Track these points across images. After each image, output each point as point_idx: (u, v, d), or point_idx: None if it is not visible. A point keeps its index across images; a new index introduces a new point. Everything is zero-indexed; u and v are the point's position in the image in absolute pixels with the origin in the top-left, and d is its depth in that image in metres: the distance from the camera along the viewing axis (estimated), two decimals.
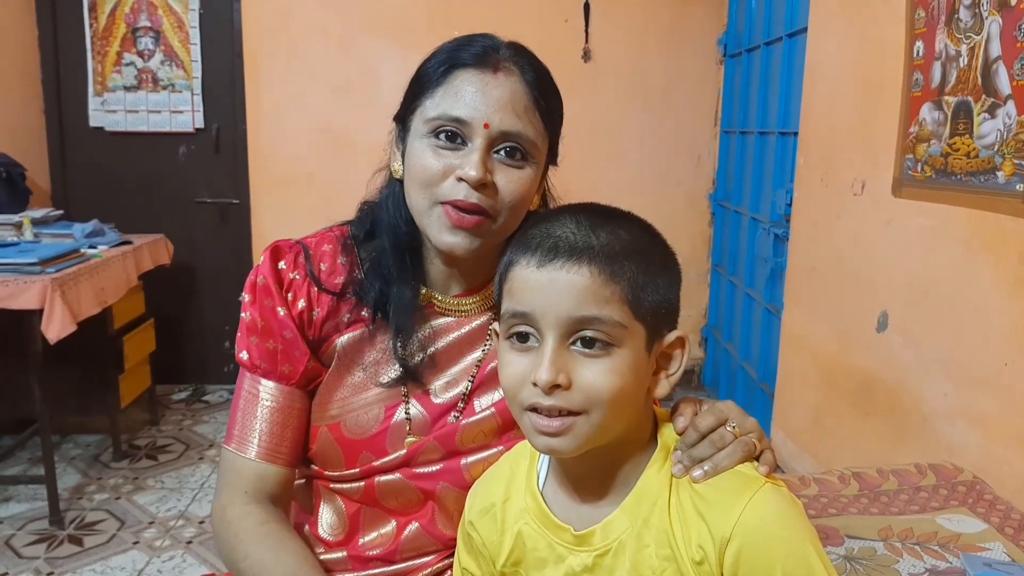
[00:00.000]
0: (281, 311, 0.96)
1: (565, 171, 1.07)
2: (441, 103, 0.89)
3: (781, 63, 2.93)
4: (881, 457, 2.03)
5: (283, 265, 0.98)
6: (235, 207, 3.81)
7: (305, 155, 3.73)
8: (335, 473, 1.00)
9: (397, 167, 0.97)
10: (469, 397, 0.99)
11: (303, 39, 3.65)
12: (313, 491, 1.05)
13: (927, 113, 1.84)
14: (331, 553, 1.01)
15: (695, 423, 0.77)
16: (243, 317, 0.98)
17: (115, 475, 2.97)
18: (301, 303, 0.96)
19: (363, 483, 0.99)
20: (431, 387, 0.99)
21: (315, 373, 0.98)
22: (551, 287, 0.70)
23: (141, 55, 3.68)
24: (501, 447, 0.95)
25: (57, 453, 3.04)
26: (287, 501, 1.01)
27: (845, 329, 2.30)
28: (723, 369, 3.75)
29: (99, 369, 2.99)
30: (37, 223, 2.91)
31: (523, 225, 0.80)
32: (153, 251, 3.27)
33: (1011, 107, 1.53)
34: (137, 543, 2.49)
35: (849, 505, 1.38)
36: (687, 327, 3.94)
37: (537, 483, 0.82)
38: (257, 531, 0.92)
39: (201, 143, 3.76)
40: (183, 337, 3.88)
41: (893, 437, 2.01)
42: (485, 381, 0.99)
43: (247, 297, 0.97)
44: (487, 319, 1.00)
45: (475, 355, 1.00)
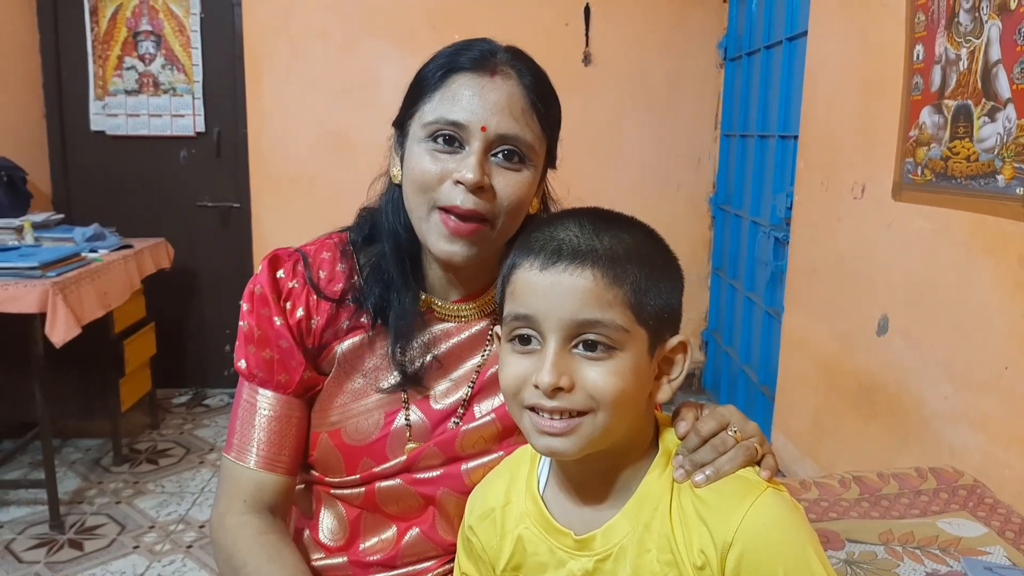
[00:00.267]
0: (278, 321, 0.95)
1: (566, 174, 1.07)
2: (438, 107, 0.89)
3: (781, 67, 2.93)
4: (882, 460, 2.02)
5: (281, 274, 0.97)
6: (236, 211, 3.81)
7: (306, 158, 3.73)
8: (336, 479, 1.00)
9: (396, 172, 0.97)
10: (469, 403, 0.98)
11: (304, 42, 3.65)
12: (314, 496, 1.05)
13: (927, 117, 1.84)
14: (332, 558, 1.01)
15: (697, 427, 0.77)
16: (241, 326, 0.98)
17: (115, 479, 2.97)
18: (299, 312, 0.96)
19: (363, 489, 0.99)
20: (431, 393, 0.99)
21: (312, 382, 0.98)
22: (554, 290, 0.70)
23: (142, 59, 3.68)
24: (501, 452, 0.95)
25: (57, 457, 3.04)
26: (286, 509, 1.01)
27: (846, 332, 2.30)
28: (724, 372, 3.75)
29: (100, 373, 2.99)
30: (38, 227, 2.92)
31: (525, 229, 0.80)
32: (154, 255, 3.28)
33: (1011, 111, 1.53)
34: (137, 547, 2.49)
35: (850, 509, 1.38)
36: (688, 330, 3.93)
37: (538, 487, 0.82)
38: (256, 541, 0.92)
39: (202, 147, 3.76)
40: (184, 341, 3.89)
41: (894, 440, 2.00)
42: (485, 387, 0.99)
43: (245, 306, 0.97)
44: (487, 325, 1.00)
45: (475, 361, 1.00)
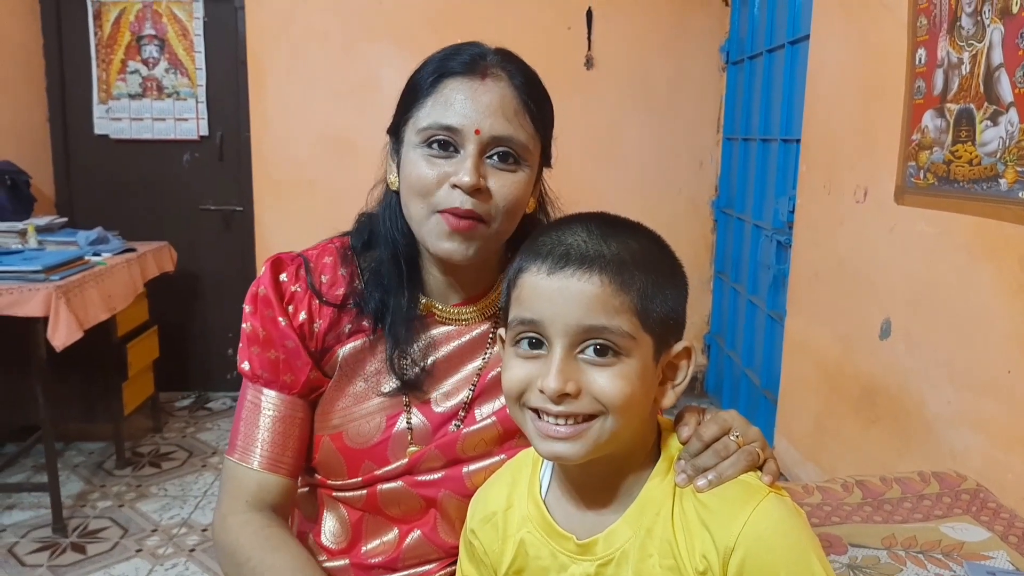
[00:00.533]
0: (282, 321, 0.96)
1: (568, 177, 1.07)
2: (432, 112, 0.90)
3: (783, 70, 2.93)
4: (885, 464, 2.02)
5: (284, 277, 0.98)
6: (239, 214, 3.82)
7: (308, 161, 3.74)
8: (337, 482, 1.00)
9: (393, 179, 0.98)
10: (470, 406, 0.99)
11: (306, 46, 3.66)
12: (317, 499, 1.05)
13: (929, 120, 1.84)
14: (334, 561, 1.01)
15: (699, 432, 0.77)
16: (244, 328, 0.98)
17: (118, 482, 2.97)
18: (302, 315, 0.97)
19: (365, 491, 0.99)
20: (432, 396, 0.99)
21: (317, 383, 0.98)
22: (561, 295, 0.70)
23: (146, 63, 3.70)
24: (503, 455, 0.95)
25: (60, 460, 3.04)
26: (288, 512, 1.01)
27: (848, 336, 2.29)
28: (726, 376, 3.74)
29: (103, 376, 2.99)
30: (41, 230, 2.93)
31: (529, 233, 0.80)
32: (157, 258, 3.28)
33: (1013, 115, 1.53)
34: (140, 551, 2.49)
35: (852, 513, 1.38)
36: (690, 334, 3.90)
37: (540, 491, 0.82)
38: (259, 535, 0.92)
39: (205, 150, 3.77)
40: (187, 344, 3.89)
41: (897, 444, 2.00)
42: (486, 390, 0.99)
43: (248, 308, 0.98)
44: (487, 328, 1.01)
45: (476, 364, 1.00)
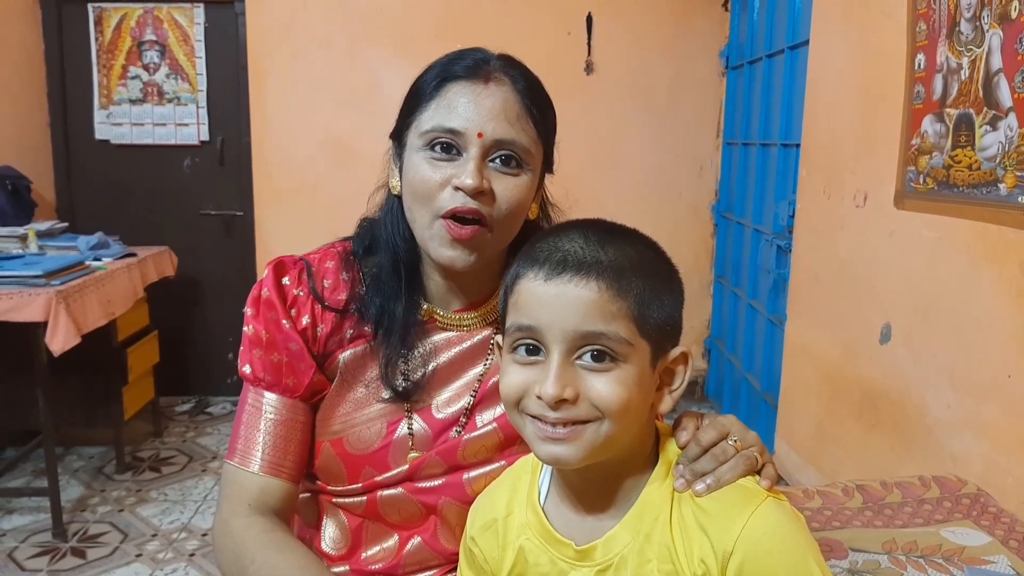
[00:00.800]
0: (286, 323, 0.95)
1: (568, 182, 1.07)
2: (435, 116, 0.90)
3: (783, 75, 2.94)
4: (886, 469, 2.02)
5: (287, 281, 0.98)
6: (239, 219, 3.82)
7: (309, 166, 3.74)
8: (338, 488, 1.00)
9: (395, 183, 0.97)
10: (471, 412, 0.98)
11: (307, 52, 3.67)
12: (317, 505, 1.05)
13: (929, 125, 1.84)
14: (334, 567, 1.01)
15: (697, 437, 0.77)
16: (246, 331, 0.97)
17: (118, 487, 2.97)
18: (305, 319, 0.96)
19: (365, 498, 0.99)
20: (433, 402, 0.99)
21: (320, 386, 0.98)
22: (558, 301, 0.70)
23: (146, 68, 3.70)
24: (503, 462, 0.95)
25: (60, 465, 3.04)
26: (289, 516, 1.01)
27: (848, 340, 2.29)
28: (726, 380, 3.74)
29: (103, 381, 2.99)
30: (42, 235, 2.93)
31: (529, 239, 0.80)
32: (157, 263, 3.28)
33: (1012, 119, 1.53)
34: (140, 556, 2.49)
35: (853, 518, 1.37)
36: (690, 338, 3.93)
37: (539, 498, 0.82)
38: (263, 537, 0.91)
39: (206, 155, 3.78)
40: (187, 349, 3.89)
41: (898, 448, 2.00)
42: (487, 396, 0.99)
43: (250, 311, 0.97)
44: (489, 334, 1.00)
45: (477, 370, 1.00)
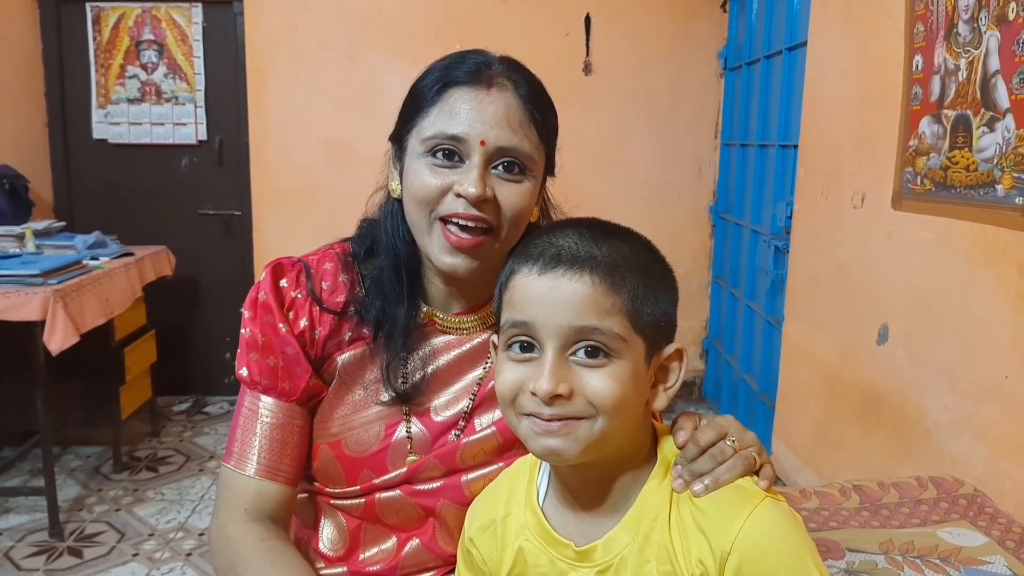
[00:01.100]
0: (283, 327, 0.95)
1: (566, 183, 1.07)
2: (436, 122, 0.89)
3: (781, 76, 2.94)
4: (884, 470, 2.02)
5: (285, 283, 0.97)
6: (237, 219, 3.82)
7: (308, 168, 3.74)
8: (336, 490, 1.00)
9: (395, 187, 0.97)
10: (470, 415, 0.98)
11: (306, 52, 3.67)
12: (315, 506, 1.05)
13: (926, 126, 1.85)
14: (332, 568, 1.01)
15: (695, 437, 0.77)
16: (243, 333, 0.97)
17: (115, 487, 2.96)
18: (303, 322, 0.96)
19: (364, 500, 0.98)
20: (432, 405, 0.98)
21: (316, 390, 0.97)
22: (552, 295, 0.70)
23: (144, 68, 3.70)
24: (502, 464, 0.95)
25: (57, 464, 3.03)
26: (287, 520, 1.00)
27: (846, 341, 2.30)
28: (724, 381, 3.74)
29: (100, 381, 2.99)
30: (39, 235, 2.93)
31: (524, 238, 0.80)
32: (155, 263, 3.28)
33: (1010, 121, 1.53)
34: (137, 555, 2.49)
35: (850, 518, 1.38)
36: (688, 339, 3.93)
37: (537, 499, 0.82)
38: (258, 546, 0.91)
39: (204, 155, 3.78)
40: (184, 349, 3.89)
41: (896, 450, 2.00)
42: (486, 399, 0.98)
43: (247, 313, 0.97)
44: (488, 337, 1.00)
45: (476, 373, 1.00)
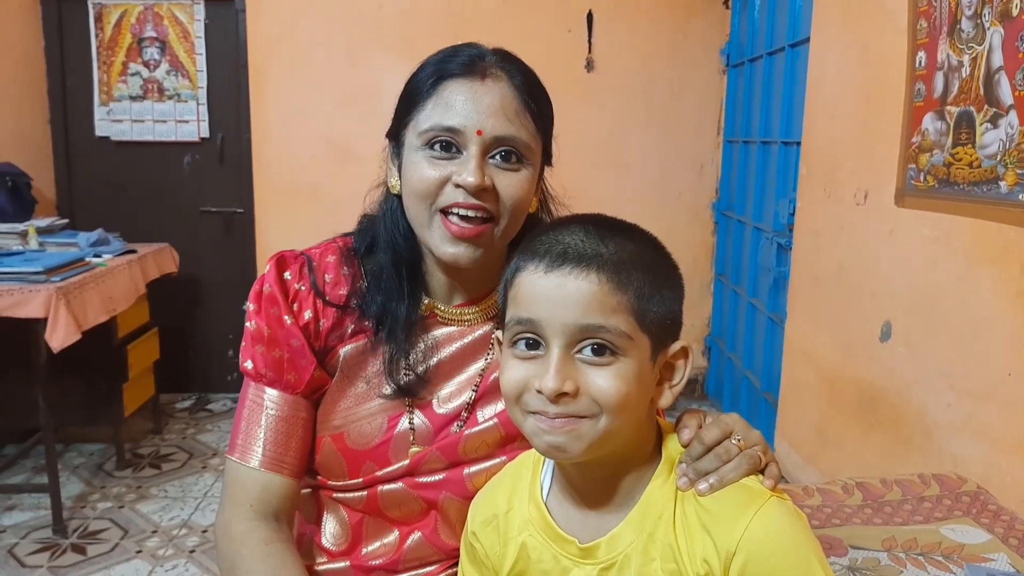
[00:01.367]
0: (288, 319, 0.95)
1: (568, 179, 1.07)
2: (433, 115, 0.90)
3: (784, 73, 2.93)
4: (885, 468, 2.02)
5: (288, 276, 0.98)
6: (239, 216, 3.82)
7: (309, 166, 3.74)
8: (338, 483, 1.00)
9: (394, 182, 0.97)
10: (472, 407, 0.99)
11: (308, 51, 3.67)
12: (317, 500, 1.05)
13: (929, 123, 1.84)
14: (334, 563, 1.01)
15: (700, 436, 0.77)
16: (248, 326, 0.97)
17: (118, 484, 2.97)
18: (307, 314, 0.96)
19: (366, 493, 0.99)
20: (434, 397, 0.99)
21: (320, 382, 0.98)
22: (558, 293, 0.70)
23: (147, 65, 3.70)
24: (504, 457, 0.95)
25: (61, 462, 3.04)
26: (291, 515, 1.00)
27: (848, 339, 2.30)
28: (727, 378, 3.74)
29: (103, 378, 3.00)
30: (42, 232, 2.93)
31: (529, 233, 0.80)
32: (158, 260, 3.28)
33: (1013, 117, 1.53)
34: (140, 552, 2.49)
35: (852, 515, 1.38)
36: (690, 336, 3.92)
37: (541, 494, 0.82)
38: (261, 550, 0.91)
39: (206, 152, 3.78)
40: (187, 346, 3.89)
41: (897, 448, 2.00)
42: (488, 391, 0.98)
43: (252, 306, 0.97)
44: (490, 329, 1.00)
45: (478, 365, 1.00)
